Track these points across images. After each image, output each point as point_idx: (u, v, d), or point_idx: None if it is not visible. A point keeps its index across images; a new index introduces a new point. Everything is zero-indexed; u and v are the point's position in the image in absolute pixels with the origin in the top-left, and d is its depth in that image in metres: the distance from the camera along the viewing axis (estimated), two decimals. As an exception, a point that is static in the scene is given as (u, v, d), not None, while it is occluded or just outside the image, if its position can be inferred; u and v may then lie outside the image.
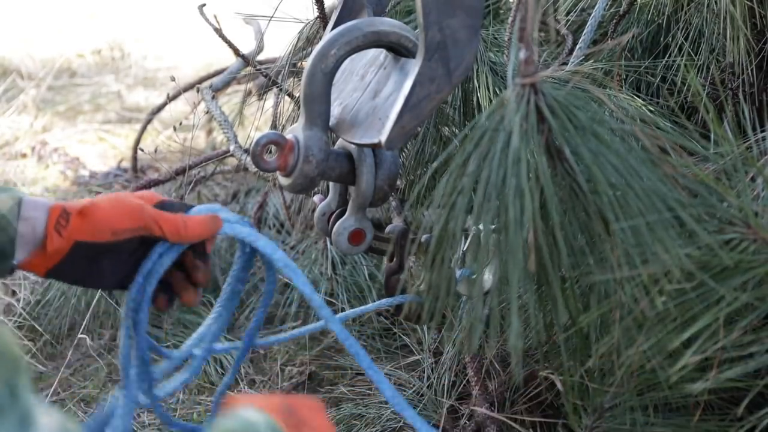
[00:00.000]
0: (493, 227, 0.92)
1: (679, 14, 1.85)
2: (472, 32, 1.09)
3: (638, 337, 0.96)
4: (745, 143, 1.27)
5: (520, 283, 0.91)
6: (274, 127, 2.01)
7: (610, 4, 1.89)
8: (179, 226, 1.02)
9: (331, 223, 1.32)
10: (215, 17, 1.86)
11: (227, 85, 2.48)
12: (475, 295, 0.96)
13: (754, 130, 1.36)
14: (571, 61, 1.70)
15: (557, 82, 1.22)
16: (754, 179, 1.10)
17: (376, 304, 1.37)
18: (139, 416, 1.99)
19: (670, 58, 1.83)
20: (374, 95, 1.22)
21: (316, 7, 1.76)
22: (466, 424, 1.73)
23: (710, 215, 0.99)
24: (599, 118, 0.96)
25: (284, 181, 1.24)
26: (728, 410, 1.19)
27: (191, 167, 2.42)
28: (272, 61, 2.37)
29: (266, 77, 2.00)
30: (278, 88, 1.98)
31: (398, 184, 1.74)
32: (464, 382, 1.81)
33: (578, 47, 1.72)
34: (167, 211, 1.04)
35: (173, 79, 2.18)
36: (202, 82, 2.87)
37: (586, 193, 0.94)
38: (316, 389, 2.03)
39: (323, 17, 1.76)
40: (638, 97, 1.71)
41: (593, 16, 1.71)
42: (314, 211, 1.36)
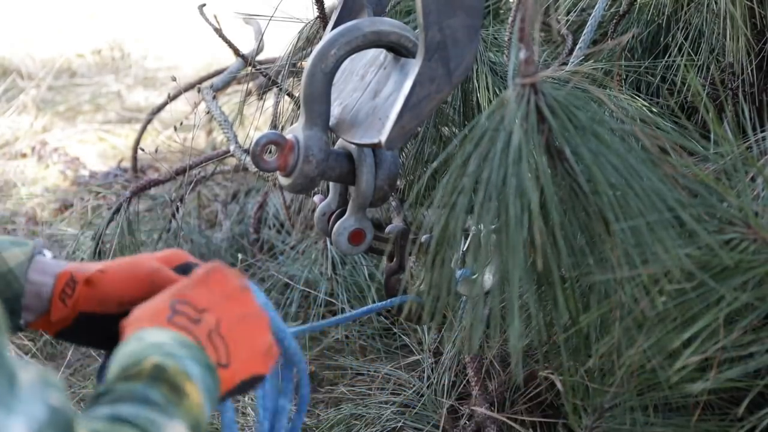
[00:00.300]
0: (493, 227, 0.92)
1: (679, 14, 1.85)
2: (472, 32, 1.09)
3: (638, 337, 0.96)
4: (745, 143, 1.27)
5: (520, 283, 0.91)
6: (274, 127, 2.01)
7: (610, 4, 1.89)
8: None
9: (331, 223, 1.32)
10: (215, 17, 1.86)
11: (227, 85, 2.49)
12: (475, 295, 0.96)
13: (754, 130, 1.36)
14: (571, 61, 1.70)
15: (557, 82, 1.22)
16: (754, 179, 1.11)
17: (376, 305, 1.37)
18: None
19: (670, 58, 1.83)
20: (374, 95, 1.22)
21: (316, 7, 1.76)
22: (466, 424, 1.72)
23: (710, 215, 0.99)
24: (599, 118, 0.96)
25: (284, 181, 1.24)
26: (728, 410, 1.19)
27: (191, 167, 2.41)
28: (272, 61, 2.36)
29: (266, 77, 2.00)
30: (278, 88, 1.98)
31: (398, 184, 1.74)
32: (464, 382, 1.81)
33: (578, 47, 1.72)
34: (189, 275, 0.93)
35: (174, 79, 2.18)
36: (202, 82, 2.87)
37: (586, 193, 0.94)
38: (316, 389, 2.03)
39: (323, 17, 1.76)
40: (638, 97, 1.71)
41: (593, 16, 1.71)
42: (314, 211, 1.35)
